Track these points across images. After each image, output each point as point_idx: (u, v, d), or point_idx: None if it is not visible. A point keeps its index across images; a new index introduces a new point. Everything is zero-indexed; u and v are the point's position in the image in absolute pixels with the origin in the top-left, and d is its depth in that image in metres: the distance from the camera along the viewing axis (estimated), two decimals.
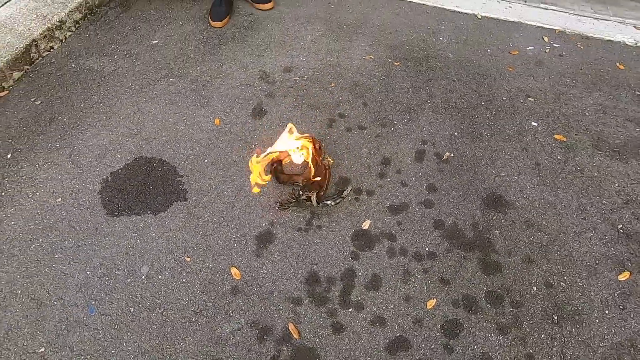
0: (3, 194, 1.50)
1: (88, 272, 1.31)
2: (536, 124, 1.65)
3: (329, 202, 1.34)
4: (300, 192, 1.30)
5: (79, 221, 1.42)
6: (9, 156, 1.61)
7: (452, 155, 1.55)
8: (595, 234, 1.34)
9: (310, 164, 1.34)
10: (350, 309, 1.22)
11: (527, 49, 1.96)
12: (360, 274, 1.28)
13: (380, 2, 2.21)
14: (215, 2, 2.09)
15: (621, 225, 1.36)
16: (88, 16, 2.16)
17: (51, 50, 2.01)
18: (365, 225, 1.38)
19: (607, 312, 1.20)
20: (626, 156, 1.54)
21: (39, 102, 1.79)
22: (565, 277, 1.26)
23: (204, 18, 2.12)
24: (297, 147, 1.35)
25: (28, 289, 1.28)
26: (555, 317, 1.19)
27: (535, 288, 1.24)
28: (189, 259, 1.32)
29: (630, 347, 1.13)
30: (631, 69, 1.86)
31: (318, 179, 1.34)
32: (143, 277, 1.29)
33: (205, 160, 1.57)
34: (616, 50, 1.95)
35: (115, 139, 1.64)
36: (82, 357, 1.15)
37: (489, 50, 1.95)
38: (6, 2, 1.99)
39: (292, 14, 2.15)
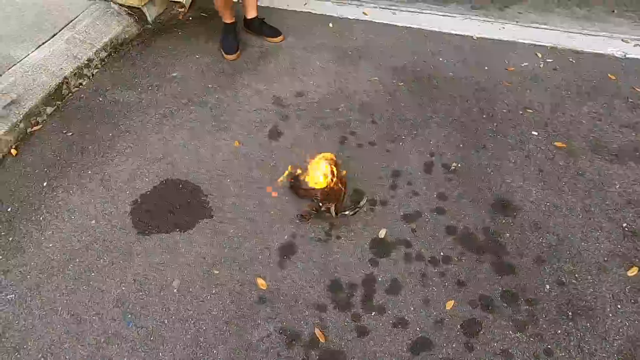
0: (41, 218, 1.60)
1: (123, 288, 1.39)
2: (536, 133, 1.75)
3: (347, 212, 1.43)
4: (320, 204, 1.39)
5: (112, 241, 1.52)
6: (44, 184, 1.73)
7: (459, 165, 1.65)
8: (602, 233, 1.41)
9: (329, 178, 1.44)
10: (373, 313, 1.28)
11: (523, 65, 2.09)
12: (380, 279, 1.35)
13: (382, 30, 2.38)
14: (223, 36, 2.26)
15: (626, 224, 1.43)
16: (113, 54, 2.34)
17: (80, 86, 2.17)
18: (382, 233, 1.46)
19: (619, 306, 1.25)
20: (624, 159, 1.63)
21: (71, 133, 1.93)
22: (576, 275, 1.32)
23: (218, 52, 2.30)
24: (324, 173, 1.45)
25: (68, 305, 1.36)
26: (570, 313, 1.24)
27: (548, 286, 1.30)
28: (217, 272, 1.40)
29: None
30: (621, 79, 1.98)
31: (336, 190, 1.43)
32: (175, 290, 1.37)
33: (228, 180, 1.68)
34: (606, 63, 2.07)
35: (142, 164, 1.76)
36: None
37: (486, 68, 2.08)
38: (40, 46, 2.17)
39: (300, 44, 2.32)
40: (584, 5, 2.43)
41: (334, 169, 1.48)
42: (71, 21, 2.33)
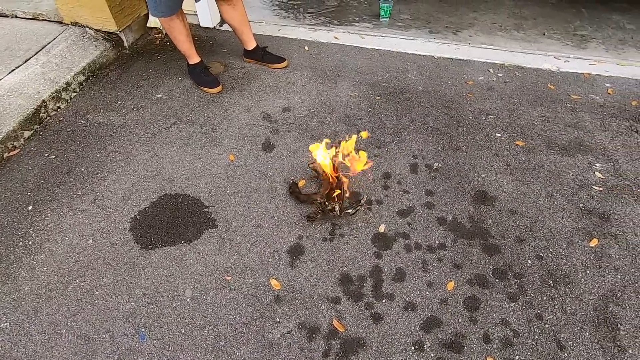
0: (30, 243, 1.53)
1: (132, 303, 1.36)
2: (500, 135, 2.00)
3: (349, 211, 1.54)
4: (326, 204, 1.49)
5: (114, 258, 1.49)
6: (30, 208, 1.66)
7: (440, 165, 1.84)
8: (565, 213, 1.65)
9: (330, 173, 1.55)
10: (384, 300, 1.38)
11: (479, 79, 2.39)
12: (385, 269, 1.46)
13: (353, 52, 2.60)
14: (196, 75, 2.20)
15: (582, 204, 1.68)
16: (91, 78, 2.33)
17: (58, 109, 2.13)
18: (381, 229, 1.58)
19: (588, 272, 1.45)
20: (572, 152, 1.92)
21: (53, 156, 1.88)
22: (550, 249, 1.52)
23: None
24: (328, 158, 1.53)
25: (73, 327, 1.31)
26: (551, 282, 1.42)
27: (529, 261, 1.49)
28: (229, 278, 1.43)
29: (612, 297, 1.38)
30: (559, 88, 2.33)
31: (337, 192, 1.54)
32: (188, 299, 1.37)
33: (227, 191, 1.72)
34: (545, 75, 2.44)
35: (137, 182, 1.76)
36: None
37: (449, 82, 2.36)
38: (15, 69, 2.11)
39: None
40: (521, 30, 2.85)
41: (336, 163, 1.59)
42: (45, 46, 2.30)
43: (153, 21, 2.61)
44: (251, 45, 2.35)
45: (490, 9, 3.10)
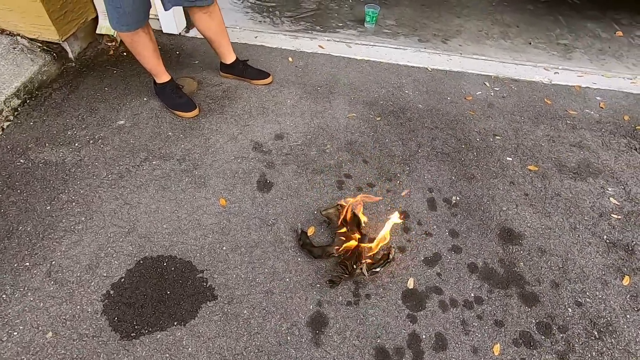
0: None
1: None
2: (511, 159, 1.89)
3: (378, 269, 1.32)
4: (354, 266, 1.26)
5: (85, 357, 1.15)
6: None
7: (458, 199, 1.68)
8: (592, 248, 1.56)
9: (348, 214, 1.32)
10: None
11: (477, 93, 2.27)
12: (424, 336, 1.27)
13: (343, 63, 2.36)
14: (169, 98, 1.86)
15: (605, 236, 1.61)
16: (28, 101, 1.87)
17: None
18: (410, 283, 1.39)
19: (628, 316, 1.37)
20: (583, 176, 1.85)
21: None
22: (587, 293, 1.42)
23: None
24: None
25: None
26: (596, 333, 1.32)
27: (570, 310, 1.38)
28: None
29: None
30: (555, 102, 2.28)
31: (353, 243, 1.32)
32: None
33: (224, 248, 1.43)
34: (539, 88, 2.37)
35: (105, 242, 1.40)
36: None
37: (449, 98, 2.21)
38: None
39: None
40: (507, 39, 2.78)
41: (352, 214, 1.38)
42: None
43: (105, 27, 2.17)
44: (230, 58, 2.02)
45: (473, 14, 3.00)
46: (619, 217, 1.68)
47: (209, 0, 1.67)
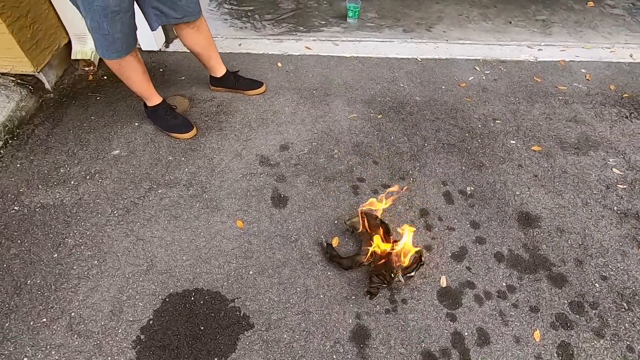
0: None
1: None
2: (514, 142, 1.91)
3: (412, 273, 1.31)
4: (392, 275, 1.24)
5: None
6: None
7: (473, 189, 1.69)
8: (606, 220, 1.61)
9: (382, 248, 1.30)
10: None
11: (470, 79, 2.28)
12: (466, 334, 1.27)
13: (333, 62, 2.32)
14: (164, 120, 1.77)
15: (615, 207, 1.66)
16: (11, 142, 1.74)
17: None
18: (443, 282, 1.39)
19: None
20: (584, 150, 1.90)
21: None
22: (610, 266, 1.46)
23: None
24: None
25: None
26: (625, 304, 1.36)
27: (597, 285, 1.41)
28: None
29: None
30: (545, 79, 2.32)
31: (384, 248, 1.30)
32: None
33: (250, 272, 1.38)
34: (527, 67, 2.41)
35: (124, 284, 1.33)
36: None
37: (443, 87, 2.21)
38: None
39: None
40: (488, 20, 2.80)
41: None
42: None
43: (79, 52, 2.04)
44: (220, 71, 1.94)
45: None
46: (624, 186, 1.73)
47: (196, 14, 1.59)
